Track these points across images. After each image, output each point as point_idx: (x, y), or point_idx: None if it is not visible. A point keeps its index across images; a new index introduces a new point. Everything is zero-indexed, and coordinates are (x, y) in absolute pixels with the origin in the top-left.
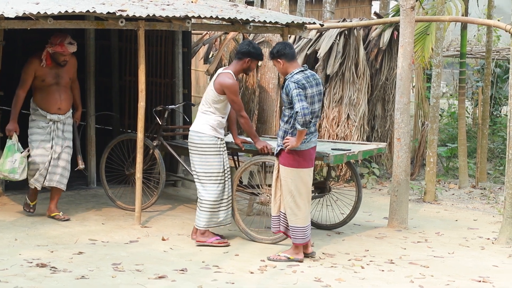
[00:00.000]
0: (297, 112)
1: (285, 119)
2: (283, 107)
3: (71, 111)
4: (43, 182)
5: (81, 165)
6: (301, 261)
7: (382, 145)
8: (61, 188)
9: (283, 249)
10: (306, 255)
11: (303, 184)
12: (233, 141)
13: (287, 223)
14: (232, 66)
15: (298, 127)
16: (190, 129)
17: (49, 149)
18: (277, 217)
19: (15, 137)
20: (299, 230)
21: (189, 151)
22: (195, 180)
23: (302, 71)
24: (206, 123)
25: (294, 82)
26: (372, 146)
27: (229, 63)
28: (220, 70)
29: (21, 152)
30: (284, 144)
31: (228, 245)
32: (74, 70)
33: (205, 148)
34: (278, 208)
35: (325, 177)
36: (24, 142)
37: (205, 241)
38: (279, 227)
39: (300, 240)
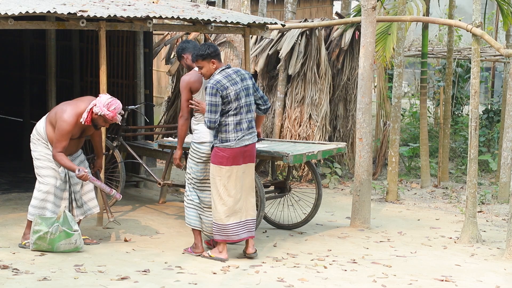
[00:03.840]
0: (205, 120)
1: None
2: None
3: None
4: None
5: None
6: (223, 261)
7: (342, 144)
8: None
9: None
10: (249, 256)
11: (229, 181)
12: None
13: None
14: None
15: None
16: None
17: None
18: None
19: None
20: (219, 226)
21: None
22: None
23: (224, 69)
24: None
25: (212, 86)
26: (332, 146)
27: None
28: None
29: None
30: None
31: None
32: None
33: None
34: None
35: (285, 177)
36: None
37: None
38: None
39: (219, 237)
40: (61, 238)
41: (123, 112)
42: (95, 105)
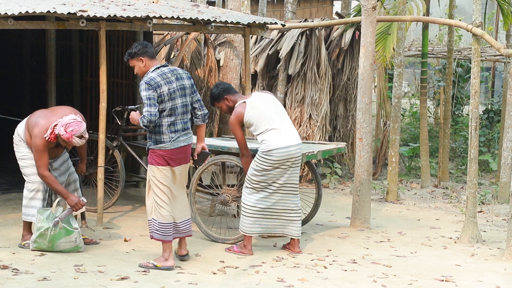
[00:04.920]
0: (143, 115)
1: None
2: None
3: None
4: None
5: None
6: (170, 269)
7: (342, 144)
8: None
9: None
10: (182, 258)
11: (166, 181)
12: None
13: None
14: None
15: (141, 123)
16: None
17: None
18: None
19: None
20: (158, 225)
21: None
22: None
23: (159, 67)
24: None
25: (146, 83)
26: (332, 145)
27: (190, 64)
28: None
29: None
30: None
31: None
32: None
33: None
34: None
35: None
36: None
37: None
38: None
39: (157, 235)
40: (61, 236)
41: (85, 136)
42: (56, 124)
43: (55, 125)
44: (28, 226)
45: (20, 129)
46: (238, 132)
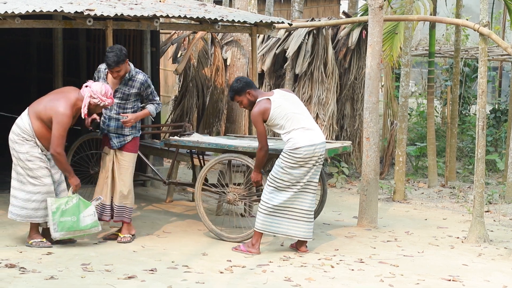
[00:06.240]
0: (159, 103)
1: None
2: (127, 101)
3: None
4: None
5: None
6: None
7: (347, 143)
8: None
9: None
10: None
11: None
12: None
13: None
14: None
15: (155, 112)
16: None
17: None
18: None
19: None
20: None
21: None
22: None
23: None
24: None
25: (147, 77)
26: (337, 144)
27: (197, 63)
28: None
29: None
30: (125, 121)
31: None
32: None
33: None
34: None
35: None
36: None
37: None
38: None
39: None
40: (82, 208)
41: None
42: (91, 96)
43: (90, 96)
44: (36, 227)
45: (24, 123)
46: (260, 125)
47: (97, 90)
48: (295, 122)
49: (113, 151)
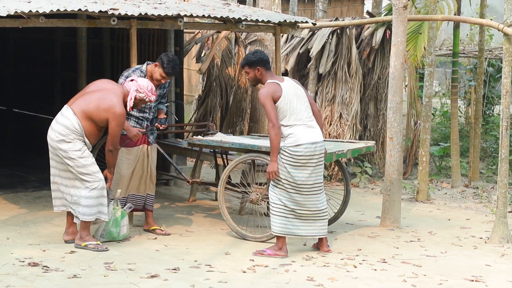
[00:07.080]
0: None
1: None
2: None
3: None
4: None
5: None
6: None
7: (371, 143)
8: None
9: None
10: None
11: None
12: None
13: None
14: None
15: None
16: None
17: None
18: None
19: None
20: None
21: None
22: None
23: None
24: None
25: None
26: (361, 144)
27: (221, 62)
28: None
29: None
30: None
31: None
32: None
33: None
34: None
35: None
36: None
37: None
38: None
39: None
40: (120, 218)
41: None
42: (137, 90)
43: (137, 90)
44: (89, 226)
45: (73, 123)
46: (269, 103)
47: (144, 85)
48: (299, 117)
49: (145, 149)
